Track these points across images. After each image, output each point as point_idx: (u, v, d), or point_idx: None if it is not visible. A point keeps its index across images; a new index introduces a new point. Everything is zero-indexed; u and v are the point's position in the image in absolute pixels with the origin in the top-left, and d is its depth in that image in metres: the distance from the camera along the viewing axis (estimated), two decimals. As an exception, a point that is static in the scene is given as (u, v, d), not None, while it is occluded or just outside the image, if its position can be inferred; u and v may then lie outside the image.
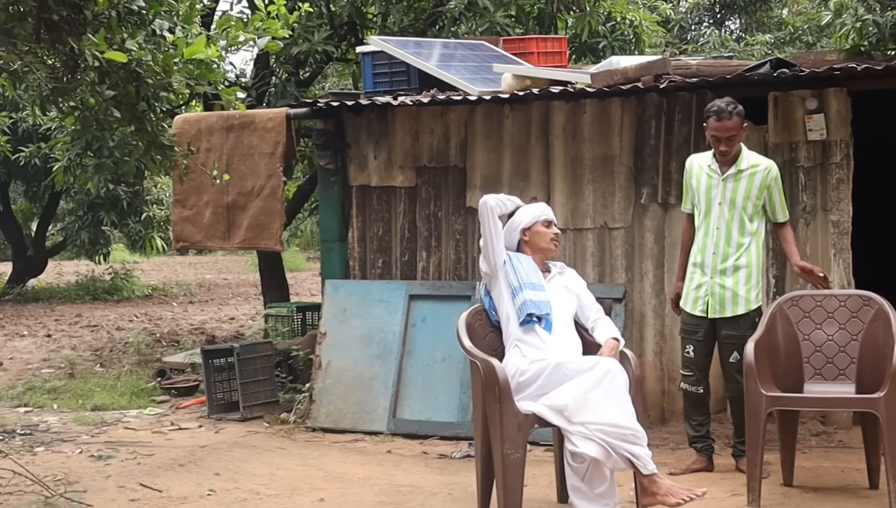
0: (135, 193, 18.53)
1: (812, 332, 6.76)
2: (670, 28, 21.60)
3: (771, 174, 6.88)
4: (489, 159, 8.98)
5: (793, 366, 6.71)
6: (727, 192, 6.89)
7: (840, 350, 6.71)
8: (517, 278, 6.26)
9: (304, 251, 28.46)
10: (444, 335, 8.51)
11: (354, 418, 8.68)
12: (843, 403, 6.53)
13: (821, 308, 6.77)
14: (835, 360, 6.72)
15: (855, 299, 6.73)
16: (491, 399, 5.84)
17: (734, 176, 6.88)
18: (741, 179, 6.87)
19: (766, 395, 6.16)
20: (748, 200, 6.87)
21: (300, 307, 10.97)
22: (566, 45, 10.46)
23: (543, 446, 7.66)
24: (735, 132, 6.83)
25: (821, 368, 6.73)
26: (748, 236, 6.90)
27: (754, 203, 6.88)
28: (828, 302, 6.77)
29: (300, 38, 11.24)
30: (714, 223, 6.95)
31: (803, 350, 6.75)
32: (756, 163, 6.90)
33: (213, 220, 9.55)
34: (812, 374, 6.73)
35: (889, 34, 9.02)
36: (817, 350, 6.75)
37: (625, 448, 5.68)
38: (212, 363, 9.43)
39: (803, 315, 6.79)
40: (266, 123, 9.33)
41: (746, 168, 6.88)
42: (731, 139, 6.83)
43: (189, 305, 19.32)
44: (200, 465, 7.61)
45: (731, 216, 6.89)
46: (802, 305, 6.80)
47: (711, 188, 6.95)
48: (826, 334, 6.74)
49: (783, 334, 6.74)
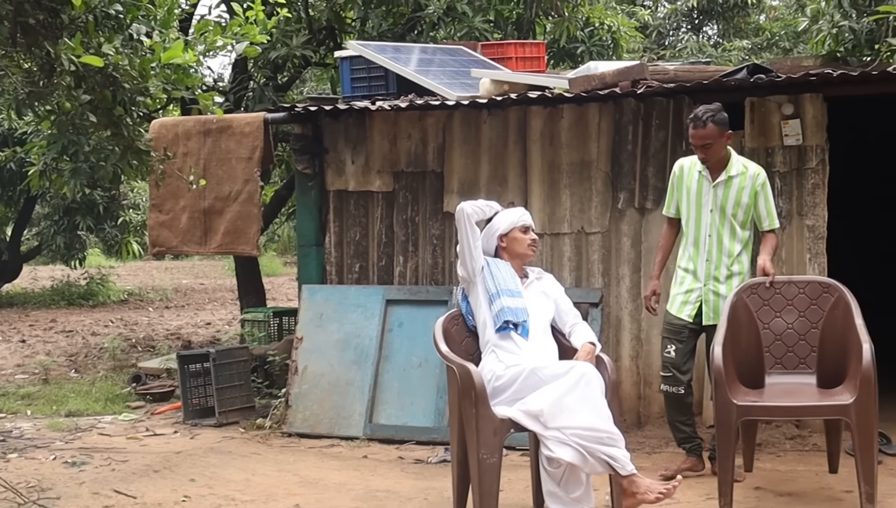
0: (111, 197, 18.47)
1: (772, 321, 6.70)
2: (648, 34, 21.68)
3: (758, 180, 6.84)
4: (467, 164, 9.00)
5: (753, 356, 6.66)
6: (718, 198, 6.87)
7: (800, 339, 6.65)
8: (495, 284, 6.28)
9: (281, 256, 28.39)
10: (420, 340, 8.52)
11: (330, 423, 8.68)
12: (814, 411, 6.45)
13: (780, 296, 6.70)
14: (795, 349, 6.67)
15: (814, 286, 6.70)
16: (467, 404, 5.86)
17: (725, 183, 6.86)
18: (731, 186, 6.84)
19: (737, 405, 6.13)
20: (738, 207, 6.84)
21: (277, 312, 10.95)
22: (544, 50, 10.50)
23: (520, 450, 7.68)
24: (710, 140, 6.77)
25: (781, 357, 6.68)
26: (739, 243, 6.89)
27: (745, 210, 6.85)
28: (787, 289, 6.70)
29: (278, 42, 11.24)
30: (706, 230, 6.92)
31: (763, 340, 6.69)
32: (744, 169, 6.87)
33: (190, 225, 9.54)
34: (773, 364, 6.67)
35: (865, 40, 9.08)
36: (777, 339, 6.69)
37: (602, 451, 5.70)
38: (187, 368, 9.41)
39: (763, 303, 6.72)
40: (243, 128, 9.33)
41: (736, 174, 6.85)
42: (707, 147, 6.80)
43: (165, 310, 19.27)
44: (175, 471, 7.60)
45: (721, 224, 6.87)
46: (762, 293, 6.72)
47: (702, 194, 6.92)
48: (786, 322, 6.68)
49: (744, 323, 6.66)
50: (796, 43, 19.83)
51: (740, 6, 22.45)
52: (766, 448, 7.72)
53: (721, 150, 6.85)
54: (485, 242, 6.48)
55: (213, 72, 15.82)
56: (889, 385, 9.20)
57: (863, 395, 5.92)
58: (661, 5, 24.17)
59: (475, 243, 6.34)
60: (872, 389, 5.92)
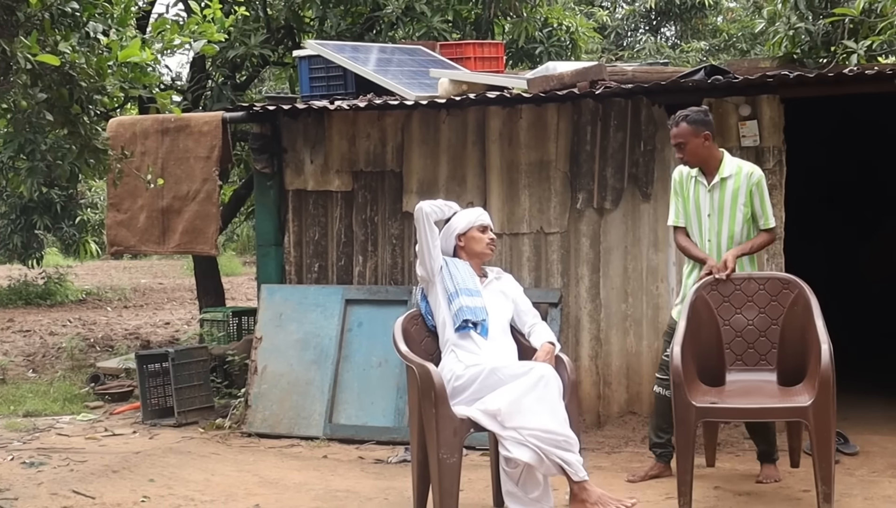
0: (69, 196, 18.34)
1: (732, 317, 6.67)
2: (606, 34, 21.79)
3: (753, 179, 6.77)
4: (426, 164, 8.99)
5: (714, 353, 6.65)
6: (714, 202, 6.82)
7: (761, 336, 6.64)
8: (453, 283, 6.28)
9: (240, 256, 28.28)
10: (380, 340, 8.50)
11: (290, 423, 8.65)
12: (772, 413, 6.39)
13: (740, 292, 6.67)
14: (756, 346, 6.65)
15: (774, 282, 6.67)
16: (427, 404, 5.85)
17: (719, 185, 6.80)
18: (726, 188, 6.79)
19: (696, 406, 6.10)
20: (735, 209, 6.78)
21: (236, 312, 10.91)
22: (503, 50, 10.50)
23: (480, 450, 7.67)
24: (683, 140, 6.76)
25: (742, 354, 6.66)
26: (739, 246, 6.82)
27: (743, 211, 6.79)
28: (747, 286, 6.67)
29: (236, 41, 11.18)
30: (706, 236, 6.86)
31: (724, 336, 6.66)
32: (738, 169, 6.81)
33: (148, 224, 9.47)
34: (734, 360, 6.65)
35: (821, 42, 9.14)
36: (738, 336, 6.66)
37: (556, 454, 5.72)
38: (146, 368, 9.35)
39: (723, 300, 6.68)
40: (202, 127, 9.27)
41: (729, 176, 6.79)
42: (681, 147, 6.79)
43: (124, 309, 19.15)
44: (134, 471, 7.54)
45: (720, 228, 6.81)
46: (722, 289, 6.67)
47: (700, 199, 6.87)
48: (746, 319, 6.65)
49: (704, 320, 6.64)
50: (753, 45, 19.99)
51: (698, 8, 22.62)
52: (725, 448, 7.75)
53: (698, 150, 6.79)
54: (443, 241, 6.48)
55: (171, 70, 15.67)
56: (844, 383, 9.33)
57: (821, 397, 5.92)
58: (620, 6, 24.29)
59: (434, 242, 6.33)
60: (831, 390, 5.93)
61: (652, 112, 8.40)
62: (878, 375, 9.88)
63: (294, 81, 12.13)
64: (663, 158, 8.35)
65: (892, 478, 7.02)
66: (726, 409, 6.28)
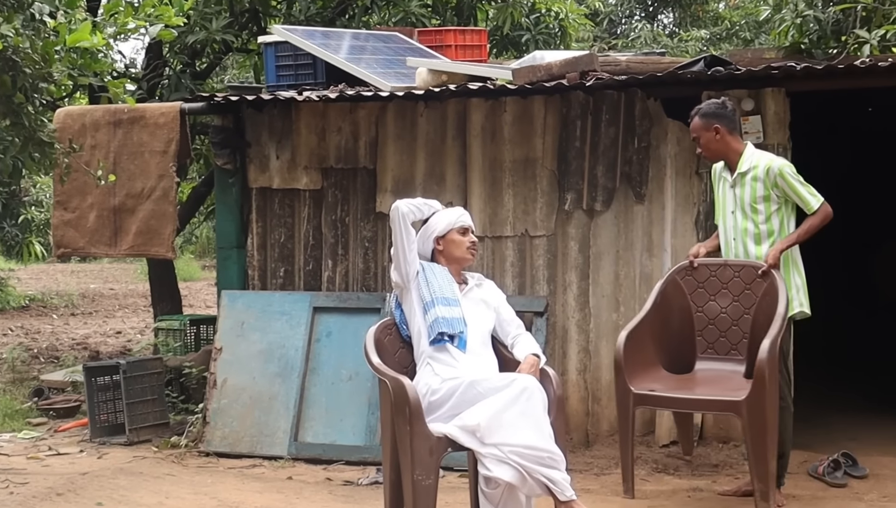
0: (11, 193, 18.30)
1: (706, 304, 7.03)
2: (599, 21, 21.83)
3: (773, 171, 6.90)
4: (401, 161, 9.01)
5: (686, 340, 7.02)
6: (736, 198, 7.02)
7: (733, 324, 6.96)
8: (430, 291, 6.26)
9: (199, 259, 28.24)
10: (350, 351, 8.51)
11: (252, 441, 8.65)
12: (707, 405, 6.83)
13: (715, 279, 7.02)
14: (727, 335, 6.98)
15: (749, 269, 6.93)
16: (401, 421, 5.86)
17: (739, 180, 7.00)
18: (745, 184, 6.97)
19: (634, 392, 6.55)
20: (756, 204, 6.94)
21: (194, 320, 10.90)
22: (486, 38, 10.53)
23: (458, 472, 7.69)
24: (696, 134, 7.05)
25: (713, 342, 7.02)
26: (766, 243, 6.95)
27: (765, 205, 6.93)
28: (722, 272, 7.01)
29: (196, 25, 11.18)
30: (730, 233, 7.07)
31: (696, 324, 7.04)
32: (756, 163, 6.97)
33: (99, 224, 9.46)
34: (705, 348, 7.03)
35: (830, 31, 9.16)
36: (710, 323, 7.02)
37: (541, 472, 5.72)
38: (95, 381, 9.34)
39: (697, 286, 7.06)
40: (158, 119, 9.27)
41: (748, 169, 6.97)
42: (696, 141, 7.08)
43: (71, 317, 19.09)
44: (81, 494, 7.53)
45: (744, 225, 6.99)
46: (697, 275, 7.07)
47: (725, 194, 7.10)
48: (720, 306, 7.00)
49: (676, 306, 7.04)
50: (758, 34, 20.05)
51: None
52: (724, 470, 7.82)
53: (711, 144, 7.02)
54: (420, 244, 6.46)
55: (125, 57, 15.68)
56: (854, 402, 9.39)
57: (755, 392, 6.25)
58: (613, -9, 24.31)
59: (410, 245, 6.32)
60: (766, 386, 6.24)
61: (647, 106, 8.44)
62: (890, 394, 9.94)
63: (259, 69, 12.14)
64: (658, 155, 8.39)
65: (904, 503, 7.07)
66: (662, 398, 6.68)
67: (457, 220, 6.50)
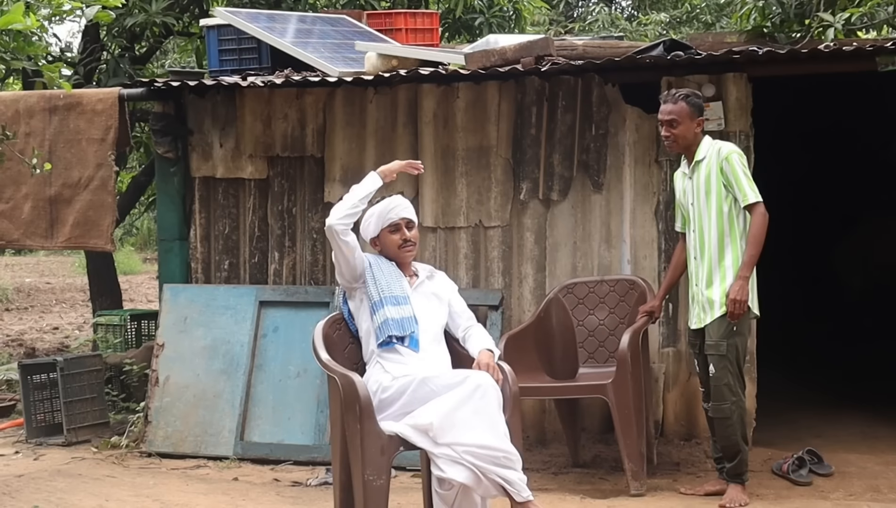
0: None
1: (586, 317, 8.07)
2: (555, 5, 21.86)
3: (722, 154, 6.99)
4: (350, 149, 8.99)
5: (569, 352, 8.01)
6: (694, 189, 7.11)
7: (610, 334, 7.93)
8: (377, 290, 6.20)
9: (140, 252, 28.13)
10: (298, 347, 8.53)
11: (196, 441, 8.63)
12: (577, 390, 7.71)
13: (594, 294, 8.08)
14: (605, 343, 7.97)
15: (622, 283, 8.04)
16: (351, 419, 5.86)
17: (694, 169, 7.10)
18: (700, 172, 7.06)
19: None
20: (710, 193, 7.01)
21: (134, 315, 10.85)
22: (438, 21, 10.54)
23: (410, 471, 7.71)
24: (677, 117, 7.05)
25: (594, 352, 8.01)
26: (727, 234, 7.00)
27: (718, 194, 6.99)
28: (599, 288, 8.08)
29: (136, 7, 11.12)
30: (691, 225, 7.17)
31: (578, 336, 8.05)
32: (709, 151, 7.07)
33: (34, 215, 9.40)
34: (586, 358, 8.02)
35: (794, 14, 9.19)
36: (590, 335, 8.04)
37: (496, 472, 5.72)
38: (31, 379, 9.28)
39: (578, 302, 8.10)
40: (95, 105, 9.21)
41: (702, 158, 7.06)
42: (673, 123, 7.07)
43: (5, 312, 18.99)
44: (16, 497, 7.48)
45: (701, 216, 7.06)
46: (577, 292, 8.12)
47: (686, 190, 7.19)
48: (598, 318, 8.04)
49: (558, 322, 8.05)
50: (719, 17, 20.11)
51: (658, -26, 22.73)
52: (685, 468, 7.90)
53: (688, 134, 7.08)
54: (363, 245, 6.37)
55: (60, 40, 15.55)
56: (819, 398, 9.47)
57: (618, 375, 7.18)
58: (570, -27, 24.37)
59: (351, 253, 6.20)
60: (628, 370, 7.14)
61: (605, 92, 8.47)
62: (854, 385, 10.03)
63: (201, 53, 12.09)
64: (616, 143, 8.42)
65: (871, 501, 7.13)
66: (537, 388, 7.60)
67: (385, 217, 6.35)
